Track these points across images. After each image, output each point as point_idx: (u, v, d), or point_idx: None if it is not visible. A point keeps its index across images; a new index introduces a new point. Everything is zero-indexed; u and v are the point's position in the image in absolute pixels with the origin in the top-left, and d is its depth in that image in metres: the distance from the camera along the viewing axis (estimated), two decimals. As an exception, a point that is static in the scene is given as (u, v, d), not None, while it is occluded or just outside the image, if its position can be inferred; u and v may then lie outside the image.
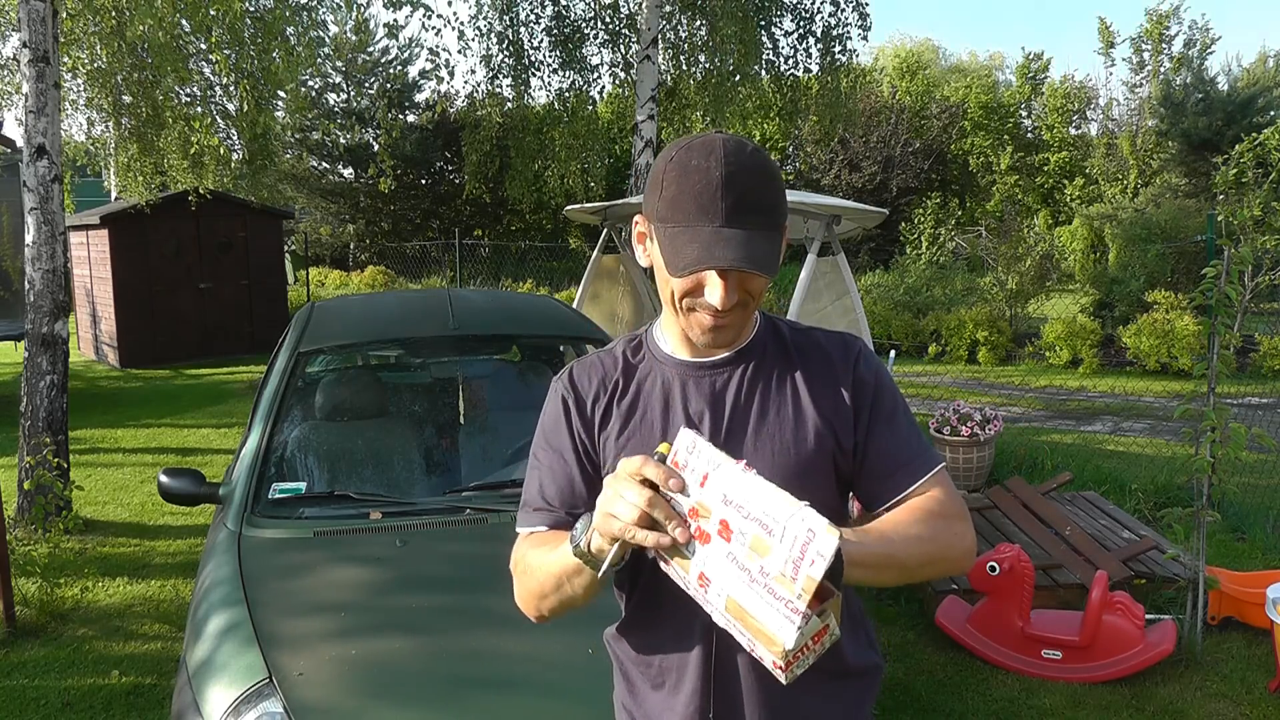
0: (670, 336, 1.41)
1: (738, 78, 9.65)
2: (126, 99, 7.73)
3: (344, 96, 23.86)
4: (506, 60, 9.82)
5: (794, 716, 1.36)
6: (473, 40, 9.89)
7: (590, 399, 1.41)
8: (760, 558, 1.07)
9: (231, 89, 7.30)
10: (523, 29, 9.87)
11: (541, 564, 1.33)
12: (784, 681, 1.08)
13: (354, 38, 22.99)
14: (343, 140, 23.52)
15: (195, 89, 7.92)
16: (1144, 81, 21.48)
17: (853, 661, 1.42)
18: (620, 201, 6.37)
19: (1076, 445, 7.20)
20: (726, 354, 1.38)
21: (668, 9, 9.44)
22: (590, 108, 10.38)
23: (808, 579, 1.03)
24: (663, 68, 9.66)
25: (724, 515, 1.10)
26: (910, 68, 28.11)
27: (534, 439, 1.47)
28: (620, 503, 1.14)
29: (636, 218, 1.37)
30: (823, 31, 9.81)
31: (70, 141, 9.08)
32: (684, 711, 1.36)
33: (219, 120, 8.28)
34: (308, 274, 18.26)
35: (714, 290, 1.25)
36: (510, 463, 3.12)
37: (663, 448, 1.18)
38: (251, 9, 6.61)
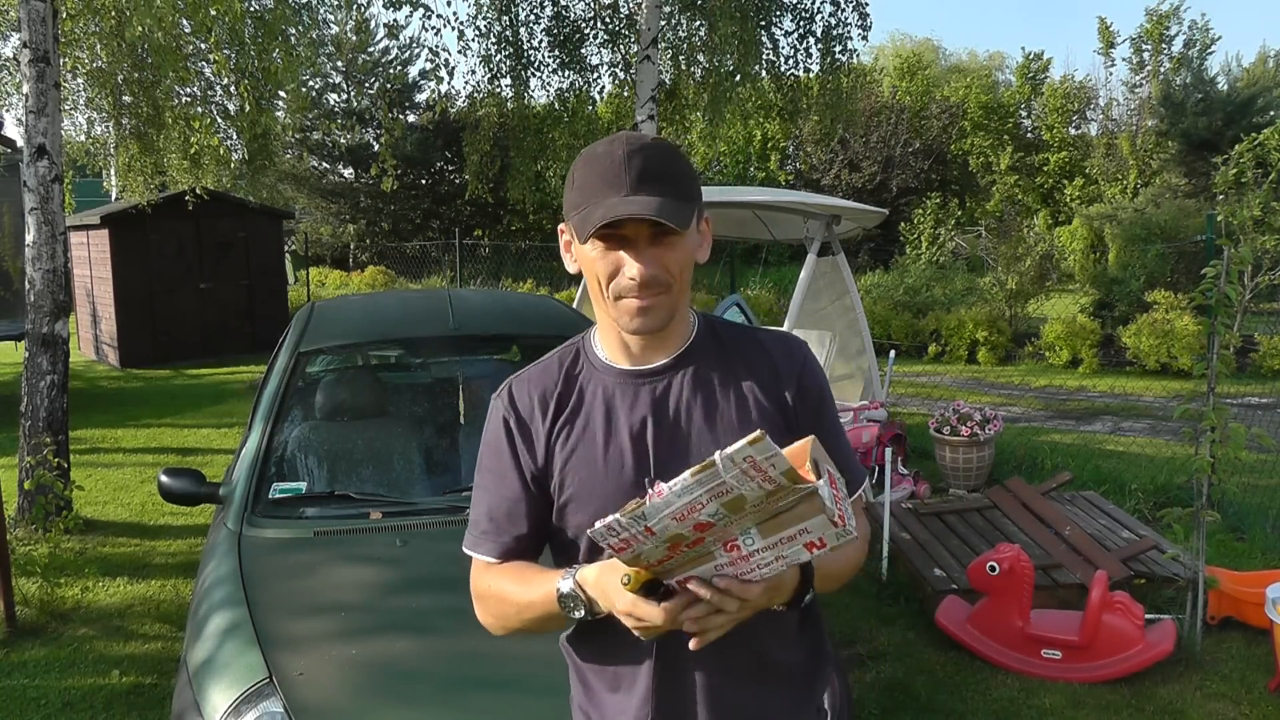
0: (607, 344, 1.40)
1: (738, 78, 9.65)
2: (126, 99, 7.74)
3: (344, 96, 23.88)
4: (506, 60, 9.82)
5: (740, 713, 1.37)
6: (473, 40, 9.87)
7: (531, 416, 1.40)
8: (747, 506, 1.05)
9: (231, 89, 7.30)
10: (522, 29, 9.86)
11: (521, 604, 1.35)
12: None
13: (354, 38, 23.03)
14: (343, 140, 23.53)
15: (195, 89, 7.93)
16: (1144, 81, 21.46)
17: (798, 653, 1.42)
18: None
19: (1076, 445, 7.20)
20: (665, 360, 1.37)
21: (667, 9, 9.44)
22: (590, 108, 10.38)
23: (783, 473, 1.03)
24: (662, 68, 9.66)
25: (695, 521, 1.07)
26: (910, 68, 28.05)
27: (478, 458, 1.47)
28: (645, 625, 1.17)
29: (561, 226, 1.37)
30: (823, 31, 9.79)
31: (70, 141, 9.08)
32: (636, 713, 1.37)
33: (219, 120, 8.29)
34: (308, 274, 18.27)
35: (630, 266, 1.26)
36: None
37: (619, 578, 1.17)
38: (252, 9, 6.61)
